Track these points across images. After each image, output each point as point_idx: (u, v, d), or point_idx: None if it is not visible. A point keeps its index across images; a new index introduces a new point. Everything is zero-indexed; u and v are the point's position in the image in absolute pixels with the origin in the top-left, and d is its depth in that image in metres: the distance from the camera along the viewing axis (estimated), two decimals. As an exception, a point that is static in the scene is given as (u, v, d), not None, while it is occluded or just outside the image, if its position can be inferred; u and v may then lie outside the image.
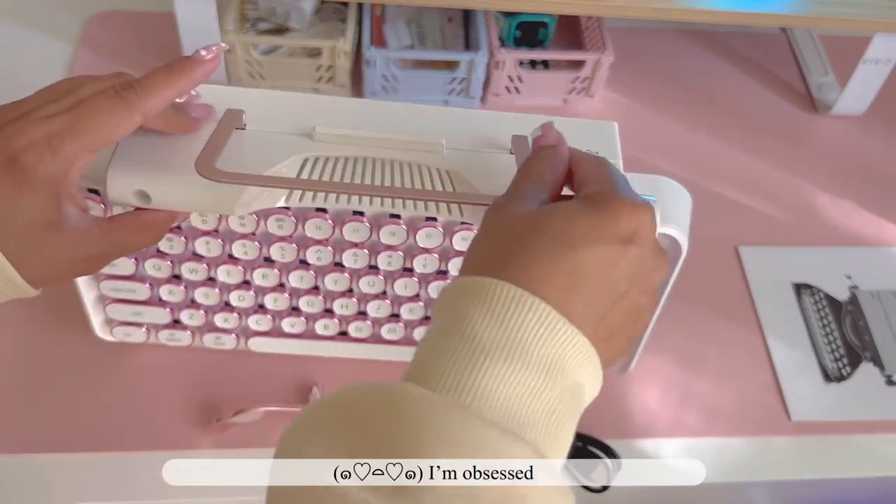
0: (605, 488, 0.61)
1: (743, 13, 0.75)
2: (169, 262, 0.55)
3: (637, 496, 0.67)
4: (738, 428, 0.66)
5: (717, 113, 0.88)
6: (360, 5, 0.82)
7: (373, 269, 0.56)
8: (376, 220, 0.52)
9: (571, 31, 0.89)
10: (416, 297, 0.58)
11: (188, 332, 0.62)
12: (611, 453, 0.61)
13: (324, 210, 0.51)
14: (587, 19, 0.87)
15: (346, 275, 0.56)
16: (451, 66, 0.81)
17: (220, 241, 0.53)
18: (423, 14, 0.86)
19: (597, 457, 0.61)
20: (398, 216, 0.51)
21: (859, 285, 0.75)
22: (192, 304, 0.59)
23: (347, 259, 0.54)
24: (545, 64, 0.86)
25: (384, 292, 0.58)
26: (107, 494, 0.58)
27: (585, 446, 0.62)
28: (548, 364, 0.32)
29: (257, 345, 0.62)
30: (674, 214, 0.50)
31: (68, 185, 0.39)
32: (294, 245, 0.54)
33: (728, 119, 0.87)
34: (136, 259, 0.55)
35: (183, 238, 0.53)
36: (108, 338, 0.62)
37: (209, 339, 0.62)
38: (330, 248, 0.54)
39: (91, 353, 0.63)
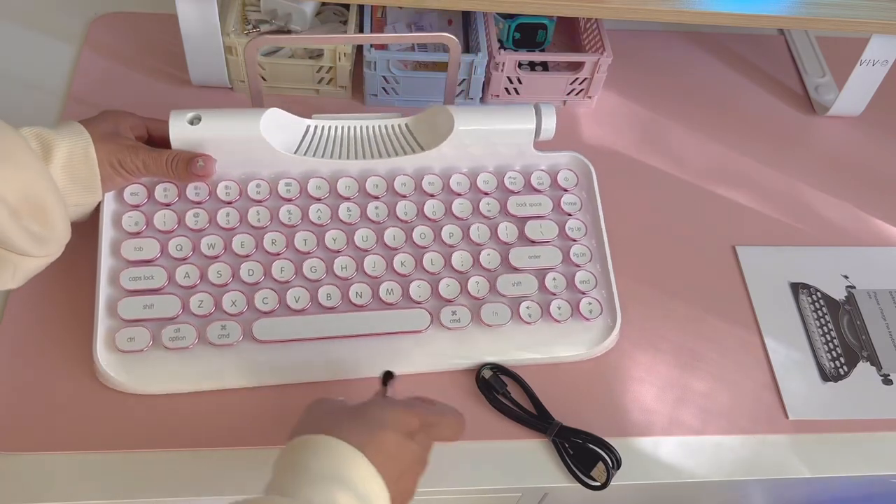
0: (605, 485, 0.61)
1: (741, 15, 0.75)
2: (189, 242, 0.66)
3: (636, 493, 0.67)
4: (735, 426, 0.66)
5: (715, 114, 0.88)
6: (361, 7, 0.82)
7: (364, 226, 0.69)
8: (362, 177, 0.70)
9: (570, 32, 0.90)
10: (404, 249, 0.68)
11: (193, 329, 0.62)
12: (610, 451, 0.62)
13: (321, 177, 0.69)
14: (586, 21, 0.87)
15: (343, 233, 0.68)
16: (451, 67, 0.81)
17: (236, 211, 0.68)
18: (423, 16, 0.87)
19: (597, 454, 0.62)
20: (379, 175, 0.70)
21: (856, 285, 0.75)
22: (203, 289, 0.65)
23: (343, 213, 0.68)
24: (544, 66, 0.86)
25: (375, 244, 0.68)
26: (107, 494, 0.59)
27: (586, 444, 0.62)
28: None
29: (261, 330, 0.63)
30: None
31: (124, 123, 0.65)
32: (298, 208, 0.68)
33: (726, 120, 0.88)
34: (160, 246, 0.66)
35: (205, 212, 0.67)
36: (110, 355, 0.62)
37: (213, 333, 0.63)
38: (327, 205, 0.69)
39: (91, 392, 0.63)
